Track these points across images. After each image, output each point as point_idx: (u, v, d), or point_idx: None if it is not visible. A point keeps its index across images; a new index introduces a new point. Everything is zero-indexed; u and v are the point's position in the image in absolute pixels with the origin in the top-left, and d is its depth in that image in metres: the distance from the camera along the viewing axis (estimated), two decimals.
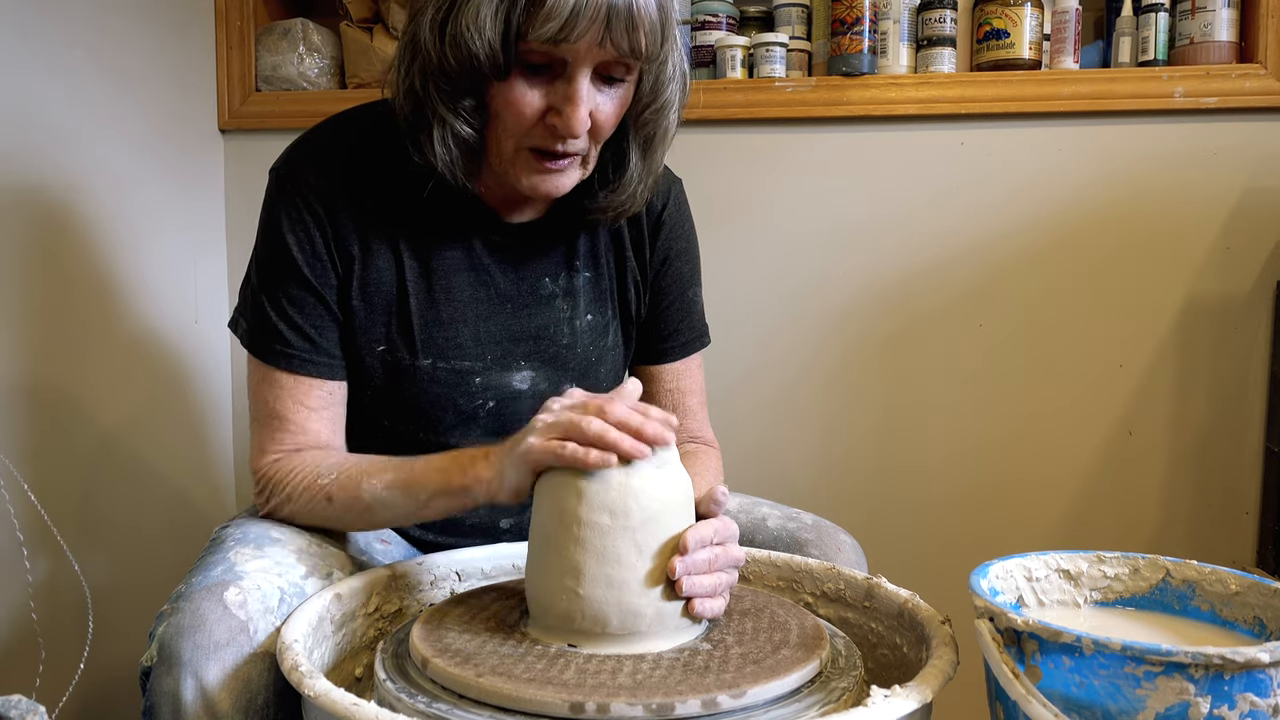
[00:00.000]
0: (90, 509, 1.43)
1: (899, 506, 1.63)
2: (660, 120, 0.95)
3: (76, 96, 1.40)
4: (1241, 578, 0.77)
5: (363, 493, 0.89)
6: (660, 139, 0.97)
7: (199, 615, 0.77)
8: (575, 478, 0.75)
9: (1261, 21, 1.47)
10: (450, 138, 0.90)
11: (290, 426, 0.95)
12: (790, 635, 0.79)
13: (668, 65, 0.91)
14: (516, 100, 0.87)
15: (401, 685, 0.72)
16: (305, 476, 0.92)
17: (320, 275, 0.95)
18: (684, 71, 0.95)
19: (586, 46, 0.83)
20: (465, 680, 0.69)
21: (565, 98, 0.86)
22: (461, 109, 0.89)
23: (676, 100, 0.95)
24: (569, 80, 0.86)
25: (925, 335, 1.60)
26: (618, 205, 0.98)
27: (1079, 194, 1.55)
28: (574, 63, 0.85)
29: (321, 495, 0.91)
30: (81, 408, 1.41)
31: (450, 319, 0.99)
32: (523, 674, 0.70)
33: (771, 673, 0.71)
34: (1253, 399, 1.52)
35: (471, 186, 0.95)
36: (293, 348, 0.95)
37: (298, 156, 0.97)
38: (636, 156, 0.97)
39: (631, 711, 0.65)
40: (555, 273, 1.03)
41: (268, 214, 0.97)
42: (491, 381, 1.01)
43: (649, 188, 0.99)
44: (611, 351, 1.07)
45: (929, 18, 1.56)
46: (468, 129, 0.90)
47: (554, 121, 0.87)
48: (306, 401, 0.96)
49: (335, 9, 1.75)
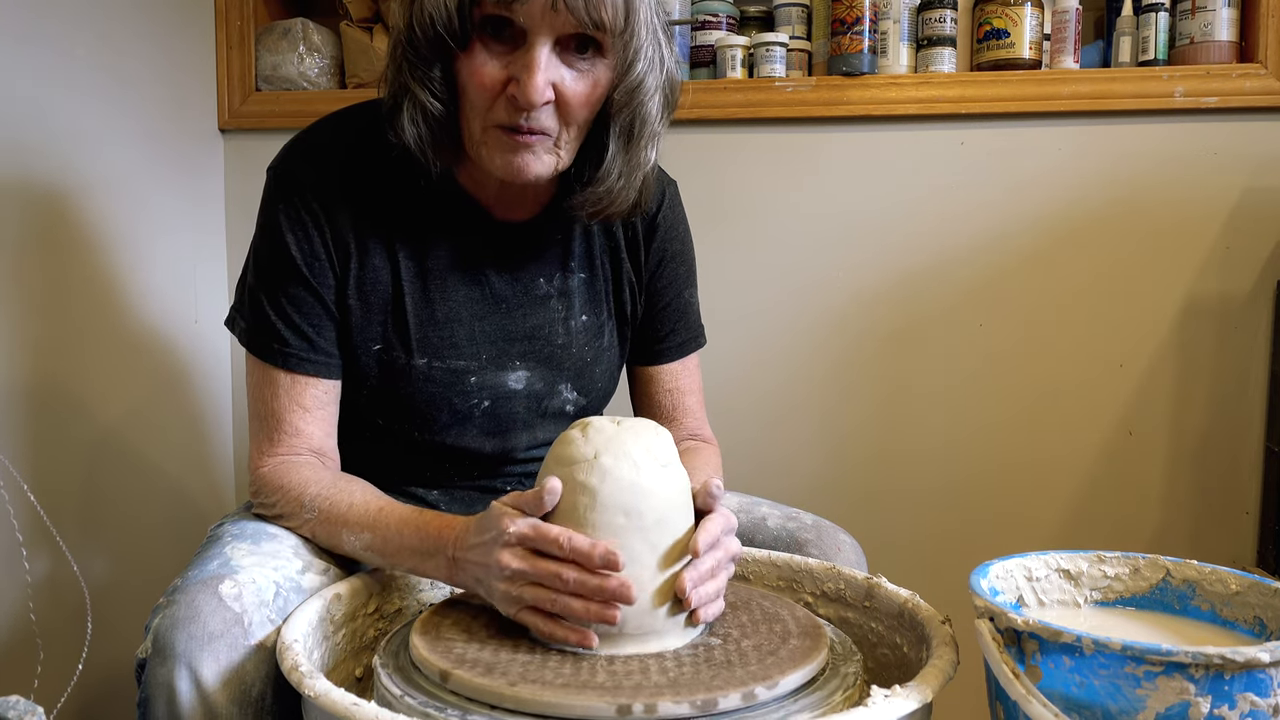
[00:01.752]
0: (90, 509, 1.43)
1: (899, 506, 1.63)
2: (635, 105, 0.91)
3: (77, 96, 1.40)
4: (1241, 578, 0.77)
5: (343, 543, 0.90)
6: (640, 129, 0.93)
7: (194, 607, 0.77)
8: (586, 478, 0.75)
9: (1261, 21, 1.47)
10: (419, 113, 0.90)
11: (285, 428, 0.96)
12: (789, 626, 0.80)
13: (635, 40, 0.88)
14: (477, 69, 0.87)
15: (425, 699, 0.71)
16: (291, 504, 0.93)
17: (318, 274, 0.95)
18: (664, 59, 0.92)
19: (540, 10, 0.83)
20: (497, 690, 0.68)
21: (523, 66, 0.85)
22: (429, 81, 0.89)
23: (654, 85, 0.92)
24: (528, 48, 0.85)
25: (925, 335, 1.60)
26: (596, 200, 0.95)
27: (1079, 194, 1.55)
28: (531, 30, 0.85)
29: (306, 529, 0.92)
30: (81, 407, 1.41)
31: (445, 318, 0.99)
32: (555, 680, 0.69)
33: (791, 662, 0.73)
34: (1253, 399, 1.52)
35: (441, 170, 0.94)
36: (290, 346, 0.95)
37: (295, 155, 0.98)
38: (616, 147, 0.94)
39: (678, 710, 0.66)
40: (550, 273, 1.03)
41: (265, 212, 0.97)
42: (487, 381, 1.01)
43: (632, 186, 0.96)
44: (607, 352, 1.07)
45: (929, 18, 1.56)
46: (435, 102, 0.90)
47: (514, 92, 0.86)
48: (302, 401, 0.96)
49: (335, 9, 1.75)
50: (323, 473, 0.94)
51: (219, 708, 0.75)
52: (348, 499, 0.90)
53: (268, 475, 0.95)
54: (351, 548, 0.89)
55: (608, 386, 1.10)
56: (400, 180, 0.96)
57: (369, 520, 0.88)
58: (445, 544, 0.82)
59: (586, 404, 1.07)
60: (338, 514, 0.89)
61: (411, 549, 0.85)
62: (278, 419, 0.96)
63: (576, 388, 1.05)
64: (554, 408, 1.05)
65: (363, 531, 0.88)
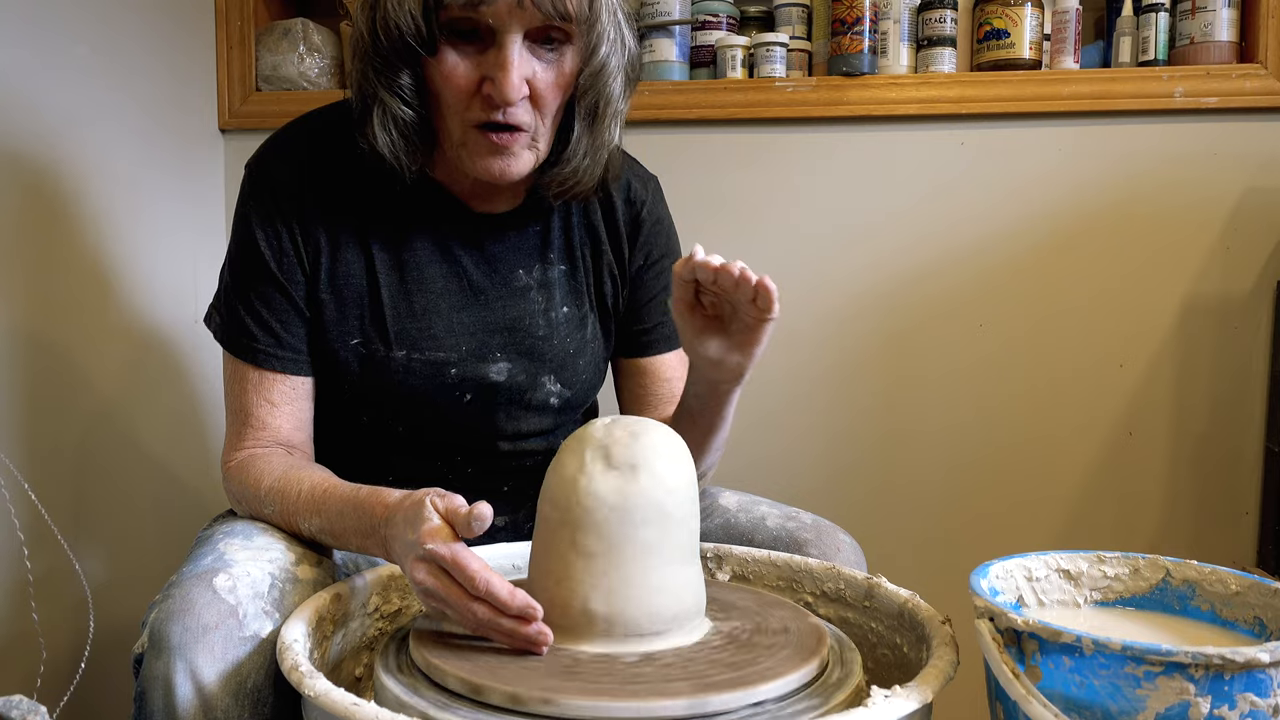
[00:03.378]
0: (90, 508, 1.43)
1: (898, 506, 1.63)
2: (599, 86, 0.93)
3: (77, 95, 1.40)
4: (1241, 578, 0.77)
5: (301, 529, 0.91)
6: (603, 109, 0.94)
7: (188, 600, 0.78)
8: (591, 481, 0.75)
9: (1261, 21, 1.47)
10: (390, 121, 0.91)
11: (253, 423, 0.97)
12: (789, 626, 0.80)
13: (599, 25, 0.89)
14: (449, 72, 0.87)
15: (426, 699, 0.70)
16: (251, 500, 0.94)
17: (287, 271, 0.96)
18: (624, 39, 0.93)
19: (507, 7, 0.83)
20: (498, 690, 0.67)
21: (497, 64, 0.86)
22: (398, 89, 0.90)
23: (616, 66, 0.93)
24: (499, 46, 0.86)
25: (925, 335, 1.60)
26: (563, 180, 0.97)
27: (1079, 194, 1.55)
28: (500, 29, 0.85)
29: (272, 521, 0.93)
30: (81, 406, 1.41)
31: (423, 310, 1.00)
32: (555, 679, 0.69)
33: (791, 662, 0.73)
34: (1253, 399, 1.52)
35: (416, 172, 0.95)
36: (259, 342, 0.96)
37: (267, 153, 0.99)
38: (581, 128, 0.95)
39: (675, 708, 0.66)
40: (529, 265, 1.04)
41: (239, 210, 0.99)
42: (468, 373, 1.01)
43: (597, 164, 0.97)
44: (590, 344, 1.07)
45: (929, 18, 1.56)
46: (406, 109, 0.91)
47: (489, 90, 0.87)
48: (270, 397, 0.97)
49: (335, 9, 1.75)
50: (278, 463, 0.95)
51: (215, 700, 0.76)
52: (297, 487, 0.91)
53: (233, 471, 0.96)
54: (309, 534, 0.90)
55: (593, 379, 1.10)
56: (374, 176, 0.96)
57: (316, 504, 0.89)
58: (378, 523, 0.82)
59: (571, 396, 1.07)
60: (289, 503, 0.90)
61: (353, 529, 0.85)
62: (246, 413, 0.97)
63: (560, 380, 1.05)
64: (538, 400, 1.05)
65: (313, 516, 0.89)
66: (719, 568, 0.98)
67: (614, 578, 0.74)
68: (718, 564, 0.98)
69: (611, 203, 1.06)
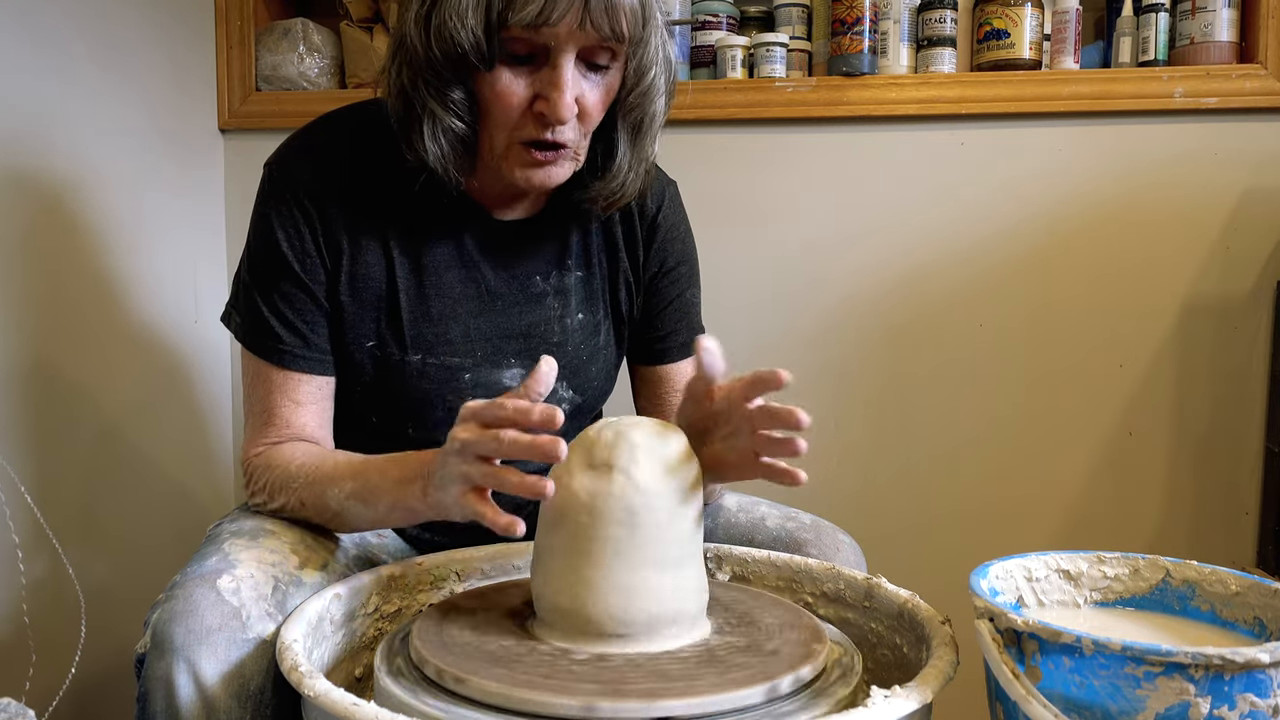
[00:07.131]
0: (88, 509, 1.43)
1: (898, 506, 1.63)
2: (646, 105, 0.94)
3: (77, 95, 1.40)
4: (1241, 578, 0.77)
5: (329, 500, 0.90)
6: (648, 125, 0.96)
7: (192, 601, 0.78)
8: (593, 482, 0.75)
9: (1261, 22, 1.47)
10: (441, 132, 0.90)
11: (277, 421, 0.97)
12: (788, 626, 0.80)
13: (649, 47, 0.90)
14: (503, 90, 0.87)
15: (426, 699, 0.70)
16: (279, 477, 0.93)
17: (310, 271, 0.96)
18: (668, 57, 0.94)
19: (567, 29, 0.84)
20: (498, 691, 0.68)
21: (550, 84, 0.86)
22: (451, 103, 0.90)
23: (662, 84, 0.94)
24: (554, 66, 0.86)
25: (925, 335, 1.60)
26: (609, 194, 0.98)
27: (1079, 194, 1.55)
28: (556, 48, 0.85)
29: (295, 500, 0.92)
30: (80, 406, 1.41)
31: (440, 315, 0.99)
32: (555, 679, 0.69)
33: (790, 663, 0.73)
34: (1253, 399, 1.52)
35: (463, 182, 0.95)
36: (284, 343, 0.96)
37: (289, 152, 0.98)
38: (625, 144, 0.96)
39: (675, 709, 0.66)
40: (546, 271, 1.04)
41: (259, 210, 0.98)
42: (482, 379, 1.01)
43: (639, 176, 0.99)
44: (603, 351, 1.07)
45: (929, 18, 1.56)
46: (459, 123, 0.90)
47: (541, 109, 0.87)
48: (296, 396, 0.97)
49: (335, 9, 1.75)
50: (311, 447, 0.96)
51: (217, 702, 0.75)
52: (333, 460, 0.92)
53: (258, 461, 0.96)
54: (337, 503, 0.90)
55: (605, 385, 1.10)
56: (396, 178, 0.96)
57: (353, 471, 0.89)
58: (425, 465, 0.83)
59: (583, 402, 1.07)
60: (323, 474, 0.90)
61: (394, 479, 0.85)
62: (270, 413, 0.97)
63: (573, 386, 1.05)
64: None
65: (346, 481, 0.89)
66: (719, 568, 0.98)
67: (577, 576, 0.75)
68: (717, 564, 0.98)
69: (629, 208, 1.06)
